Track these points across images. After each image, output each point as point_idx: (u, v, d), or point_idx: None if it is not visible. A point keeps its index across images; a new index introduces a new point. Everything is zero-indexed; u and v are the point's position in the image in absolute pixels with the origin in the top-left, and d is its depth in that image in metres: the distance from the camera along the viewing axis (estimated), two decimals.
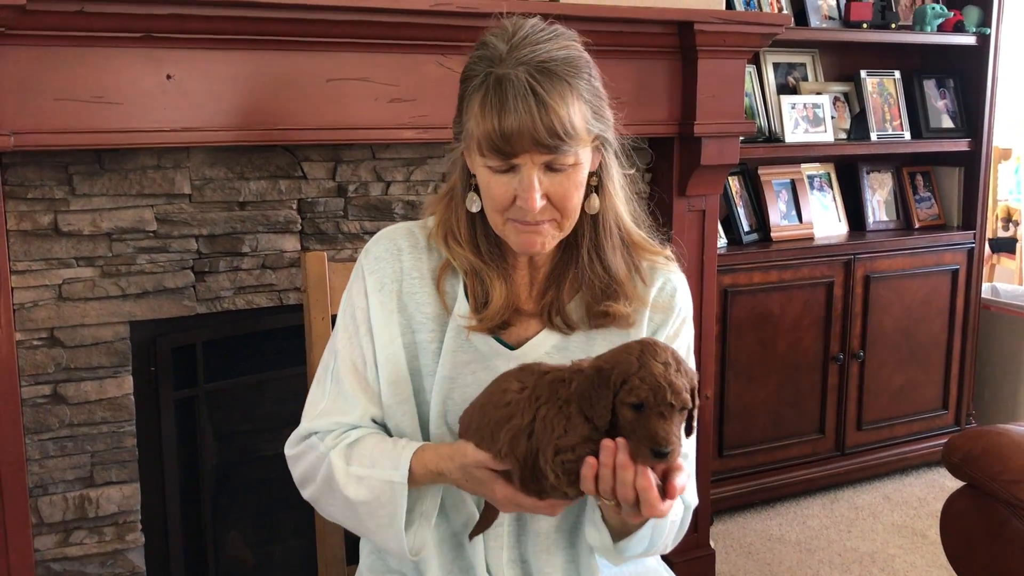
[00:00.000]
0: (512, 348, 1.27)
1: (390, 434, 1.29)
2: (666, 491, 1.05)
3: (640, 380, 1.03)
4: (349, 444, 1.25)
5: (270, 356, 2.19)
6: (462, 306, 1.26)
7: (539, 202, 1.16)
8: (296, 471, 1.31)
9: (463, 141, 1.21)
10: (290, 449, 1.31)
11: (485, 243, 1.26)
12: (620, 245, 1.28)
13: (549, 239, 1.21)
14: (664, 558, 1.45)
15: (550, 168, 1.16)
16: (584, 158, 1.19)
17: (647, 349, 1.06)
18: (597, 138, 1.20)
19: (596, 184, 1.24)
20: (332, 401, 1.28)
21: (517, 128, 1.11)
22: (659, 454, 1.02)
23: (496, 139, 1.13)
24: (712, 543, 2.70)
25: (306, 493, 1.31)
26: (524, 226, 1.19)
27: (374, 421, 1.29)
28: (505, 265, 1.27)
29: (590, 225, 1.26)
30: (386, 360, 1.27)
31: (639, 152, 2.48)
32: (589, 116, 1.17)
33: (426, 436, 1.28)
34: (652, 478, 1.04)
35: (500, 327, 1.26)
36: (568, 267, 1.27)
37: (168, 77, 1.83)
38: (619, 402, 1.04)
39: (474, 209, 1.24)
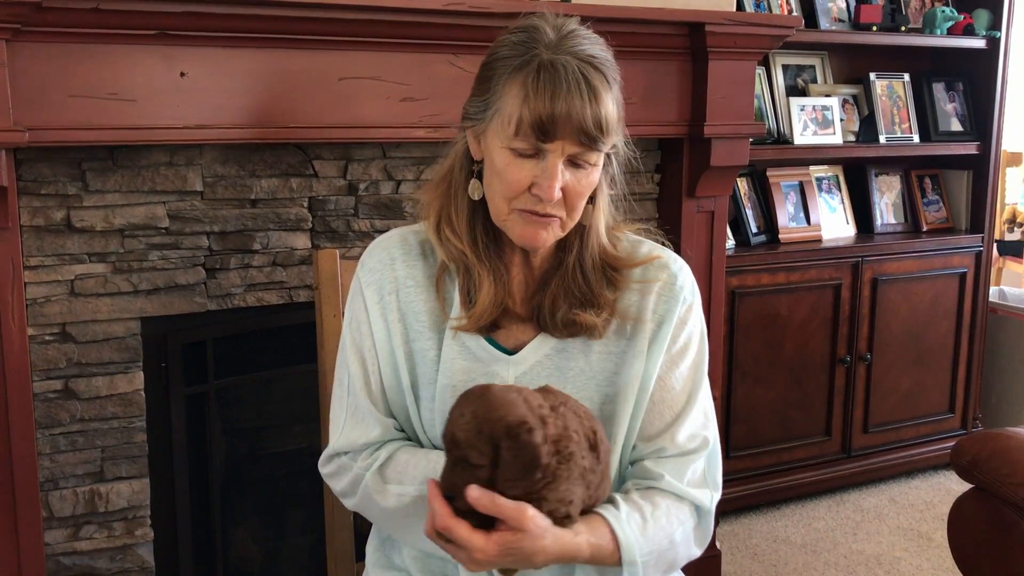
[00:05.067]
0: (510, 353, 1.25)
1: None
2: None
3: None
4: (381, 464, 1.24)
5: (280, 353, 2.20)
6: (456, 310, 1.25)
7: (557, 192, 1.15)
8: (335, 487, 1.32)
9: (484, 122, 1.18)
10: (323, 467, 1.33)
11: (483, 236, 1.24)
12: (599, 262, 1.26)
13: (552, 235, 1.20)
14: None
15: (573, 163, 1.16)
16: (602, 161, 1.19)
17: (457, 403, 1.09)
18: (614, 146, 1.20)
19: (592, 194, 1.23)
20: (351, 421, 1.28)
21: (567, 112, 1.11)
22: (447, 498, 1.08)
23: (544, 120, 1.11)
24: (718, 544, 2.70)
25: (348, 504, 1.32)
26: (532, 216, 1.17)
27: (396, 428, 1.29)
28: (499, 263, 1.25)
29: (579, 232, 1.24)
30: (391, 370, 1.27)
31: (649, 155, 2.48)
32: (617, 120, 1.17)
33: (429, 447, 1.28)
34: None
35: (490, 328, 1.24)
36: (556, 271, 1.26)
37: (182, 75, 1.84)
38: None
39: (476, 196, 1.22)
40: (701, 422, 1.28)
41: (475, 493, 1.05)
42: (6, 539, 1.84)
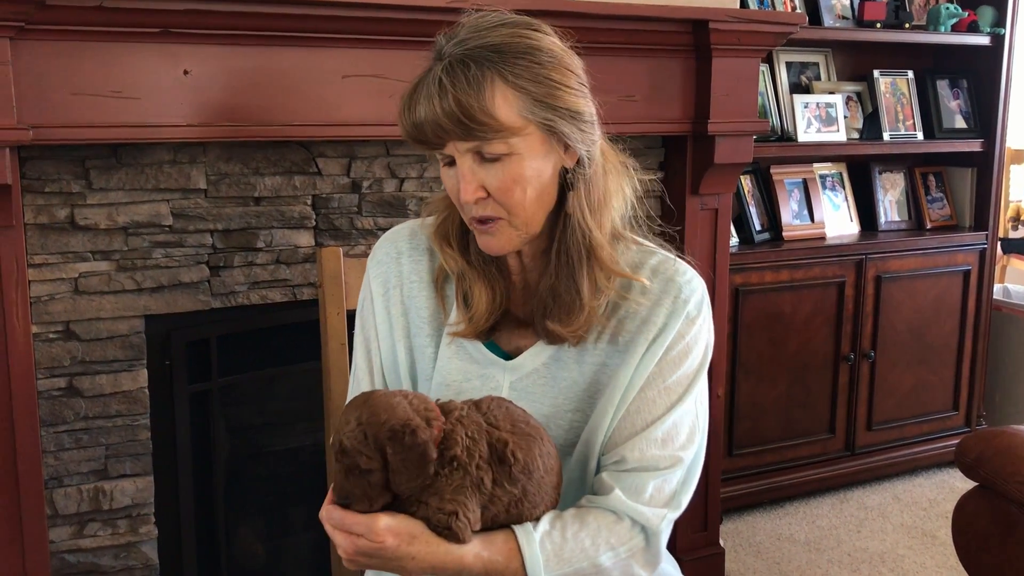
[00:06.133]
0: (508, 358, 1.24)
1: None
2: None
3: None
4: None
5: (283, 351, 2.20)
6: (454, 313, 1.25)
7: (471, 193, 1.12)
8: None
9: None
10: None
11: (474, 245, 1.22)
12: (584, 257, 1.17)
13: (505, 239, 1.16)
14: (674, 555, 1.44)
15: (484, 158, 1.11)
16: (523, 148, 1.11)
17: (343, 411, 1.10)
18: (547, 128, 1.11)
19: (573, 182, 1.16)
20: None
21: (424, 116, 1.10)
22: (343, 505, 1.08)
23: (409, 130, 1.12)
24: (722, 542, 2.70)
25: None
26: (479, 225, 1.16)
27: None
28: (494, 270, 1.23)
29: (560, 228, 1.18)
30: (392, 363, 1.28)
31: (651, 151, 2.48)
32: (521, 103, 1.09)
33: None
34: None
35: (487, 333, 1.23)
36: (545, 270, 1.21)
37: (185, 72, 1.84)
38: None
39: None
40: (680, 441, 1.19)
41: (323, 513, 1.07)
42: (11, 537, 1.84)
